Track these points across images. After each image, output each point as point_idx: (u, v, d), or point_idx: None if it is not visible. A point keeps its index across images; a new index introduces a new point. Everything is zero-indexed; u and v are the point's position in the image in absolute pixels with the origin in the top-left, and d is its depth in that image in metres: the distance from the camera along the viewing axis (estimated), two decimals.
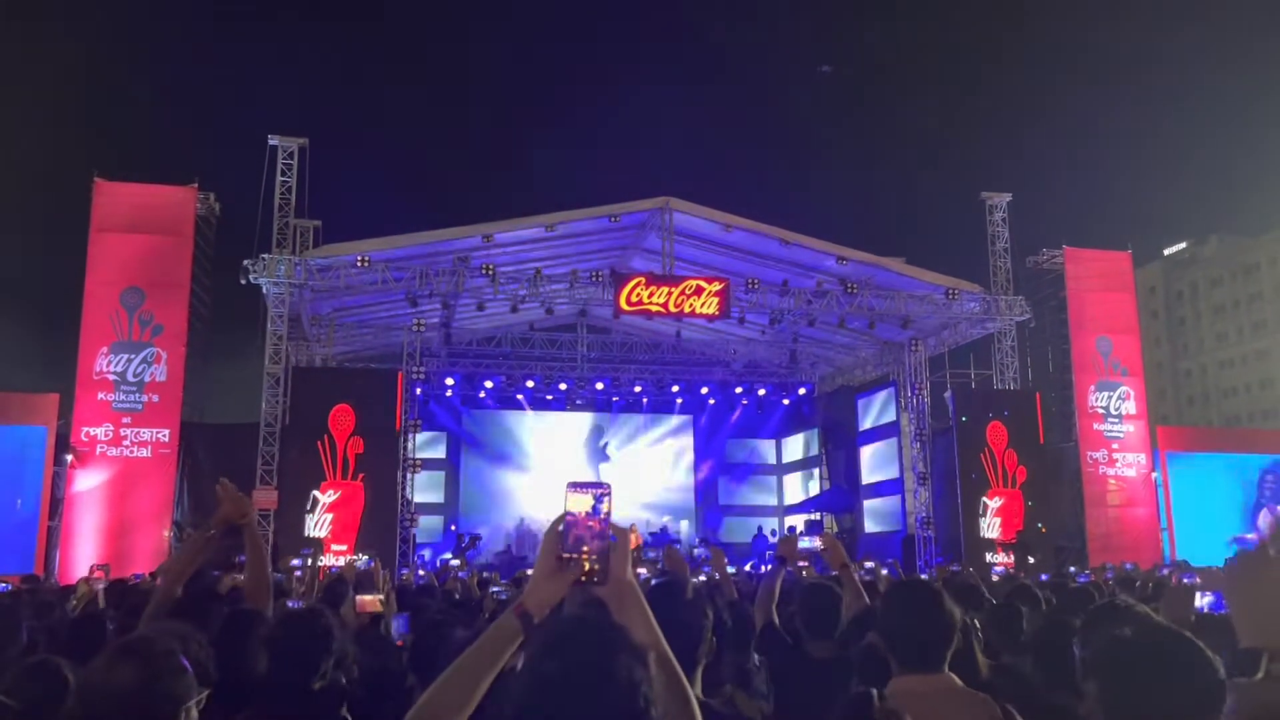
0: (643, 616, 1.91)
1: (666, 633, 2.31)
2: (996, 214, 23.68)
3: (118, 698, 2.08)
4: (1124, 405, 23.84)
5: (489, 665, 1.80)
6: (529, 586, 1.94)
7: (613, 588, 1.89)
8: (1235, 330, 72.41)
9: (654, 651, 1.86)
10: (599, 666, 1.56)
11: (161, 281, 19.47)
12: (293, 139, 20.89)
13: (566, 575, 1.88)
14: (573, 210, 21.70)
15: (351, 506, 19.26)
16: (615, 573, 1.88)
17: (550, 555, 1.88)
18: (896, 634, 2.80)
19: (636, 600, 1.92)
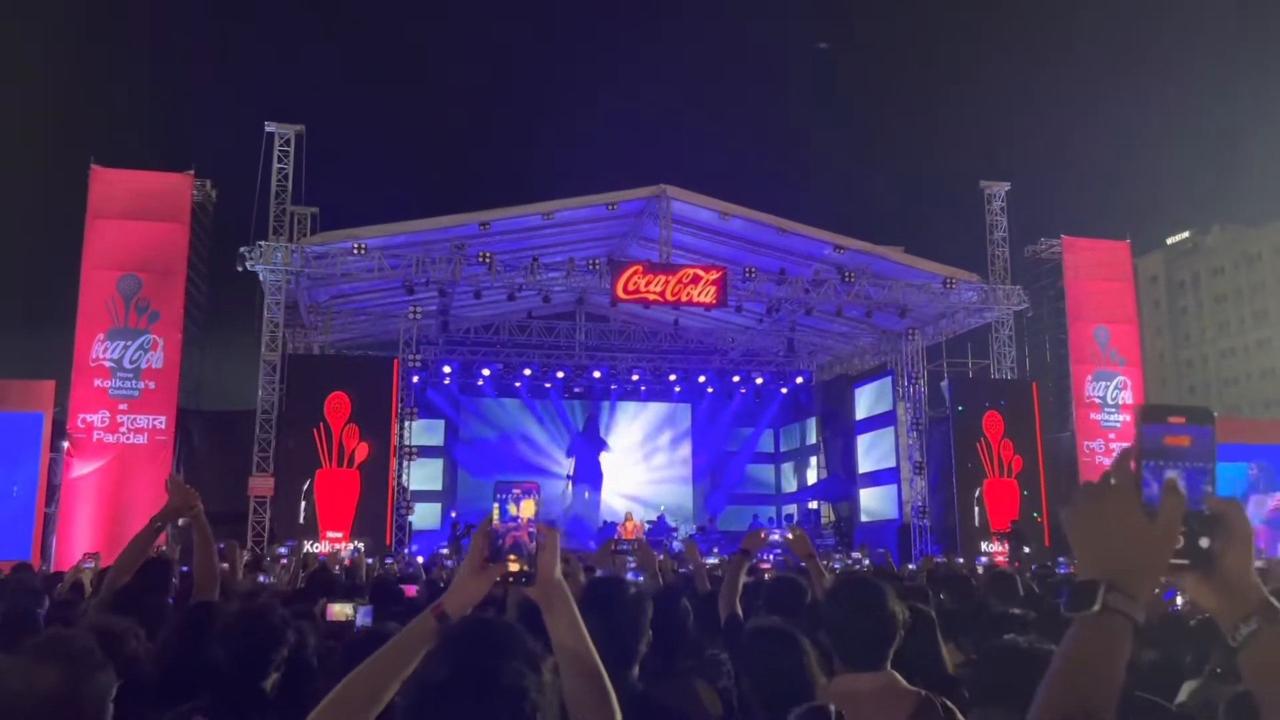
0: (569, 616, 1.92)
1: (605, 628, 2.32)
2: (995, 203, 23.63)
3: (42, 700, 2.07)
4: (1121, 395, 23.81)
5: (400, 666, 1.79)
6: (451, 586, 1.95)
7: (541, 588, 1.90)
8: (1237, 320, 72.28)
9: (569, 653, 1.88)
10: (485, 672, 1.56)
11: (158, 268, 19.48)
12: (289, 126, 20.87)
13: (489, 575, 1.89)
14: (570, 198, 21.67)
15: (347, 494, 19.30)
16: (543, 573, 1.89)
17: (476, 555, 1.89)
18: (838, 631, 2.80)
19: (564, 600, 1.92)
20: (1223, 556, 1.21)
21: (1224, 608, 1.22)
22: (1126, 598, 1.17)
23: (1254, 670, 1.19)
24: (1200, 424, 1.24)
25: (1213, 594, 1.22)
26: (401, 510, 20.80)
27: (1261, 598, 1.20)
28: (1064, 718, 1.14)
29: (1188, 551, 1.20)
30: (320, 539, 18.11)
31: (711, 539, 22.89)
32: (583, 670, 1.88)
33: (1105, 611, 1.17)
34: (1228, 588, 1.21)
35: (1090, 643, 1.18)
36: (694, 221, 22.37)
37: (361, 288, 22.38)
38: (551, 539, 1.90)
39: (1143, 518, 1.19)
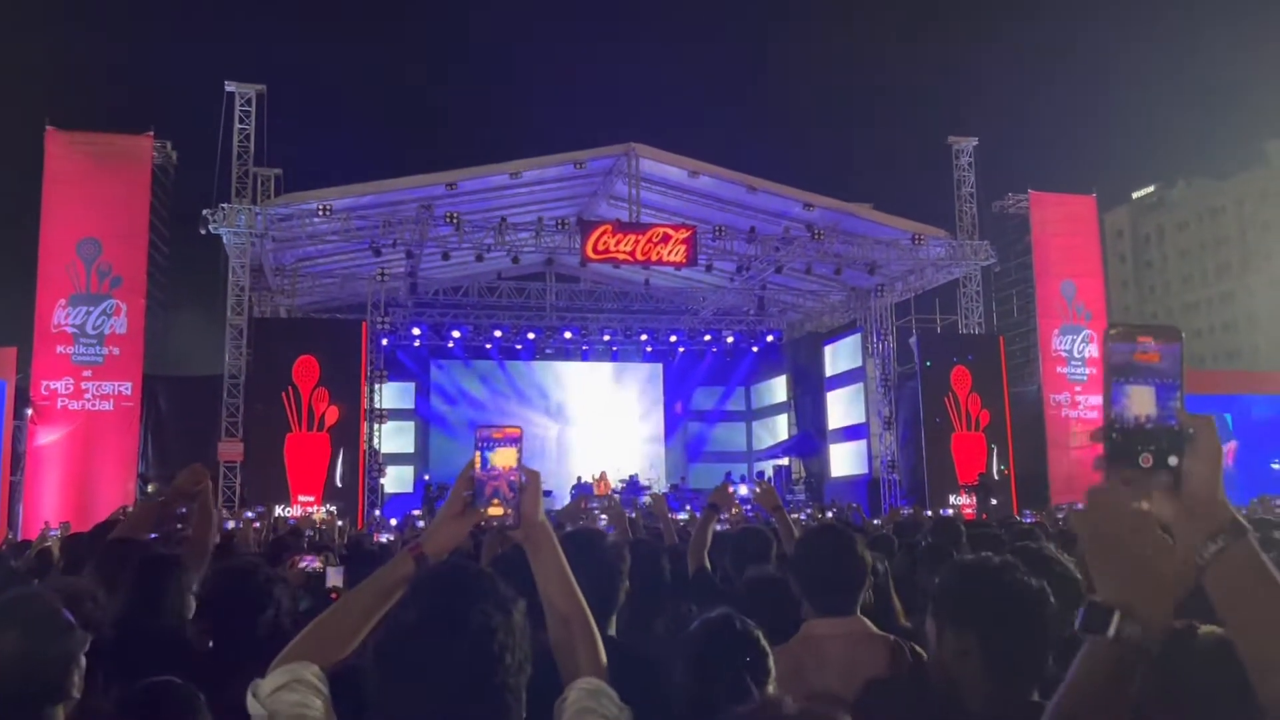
0: (554, 558, 1.93)
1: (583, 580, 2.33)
2: (963, 159, 23.66)
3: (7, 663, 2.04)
4: (1087, 349, 24.06)
5: (375, 604, 1.80)
6: (430, 528, 1.95)
7: (526, 530, 1.90)
8: (1200, 273, 73.09)
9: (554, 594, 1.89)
10: (453, 614, 1.57)
11: (119, 232, 19.14)
12: (250, 85, 20.47)
13: (469, 519, 1.89)
14: (537, 157, 21.45)
15: (318, 458, 19.22)
16: (527, 515, 1.89)
17: (456, 499, 1.89)
18: (809, 578, 2.83)
19: (549, 542, 1.93)
20: (1191, 474, 1.20)
21: (1191, 526, 1.21)
22: (1140, 628, 1.17)
23: (1220, 588, 1.19)
24: (1168, 341, 1.23)
25: (1180, 512, 1.21)
26: (373, 473, 20.75)
27: (1229, 515, 1.19)
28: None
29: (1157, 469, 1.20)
30: (292, 503, 18.05)
31: (684, 497, 23.04)
32: (568, 612, 1.90)
33: (1119, 640, 1.18)
34: (1196, 505, 1.20)
35: (1101, 667, 1.19)
36: (663, 180, 22.26)
37: (327, 250, 22.13)
38: (534, 481, 1.90)
39: (1164, 541, 1.19)
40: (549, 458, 26.92)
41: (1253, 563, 1.18)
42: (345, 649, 1.79)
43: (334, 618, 1.83)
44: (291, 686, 1.68)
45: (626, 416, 29.31)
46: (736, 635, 2.21)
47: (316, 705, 1.68)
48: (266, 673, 1.72)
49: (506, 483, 1.86)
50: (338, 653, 1.78)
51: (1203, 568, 1.20)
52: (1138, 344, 1.22)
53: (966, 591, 2.11)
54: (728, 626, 2.24)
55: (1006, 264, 24.94)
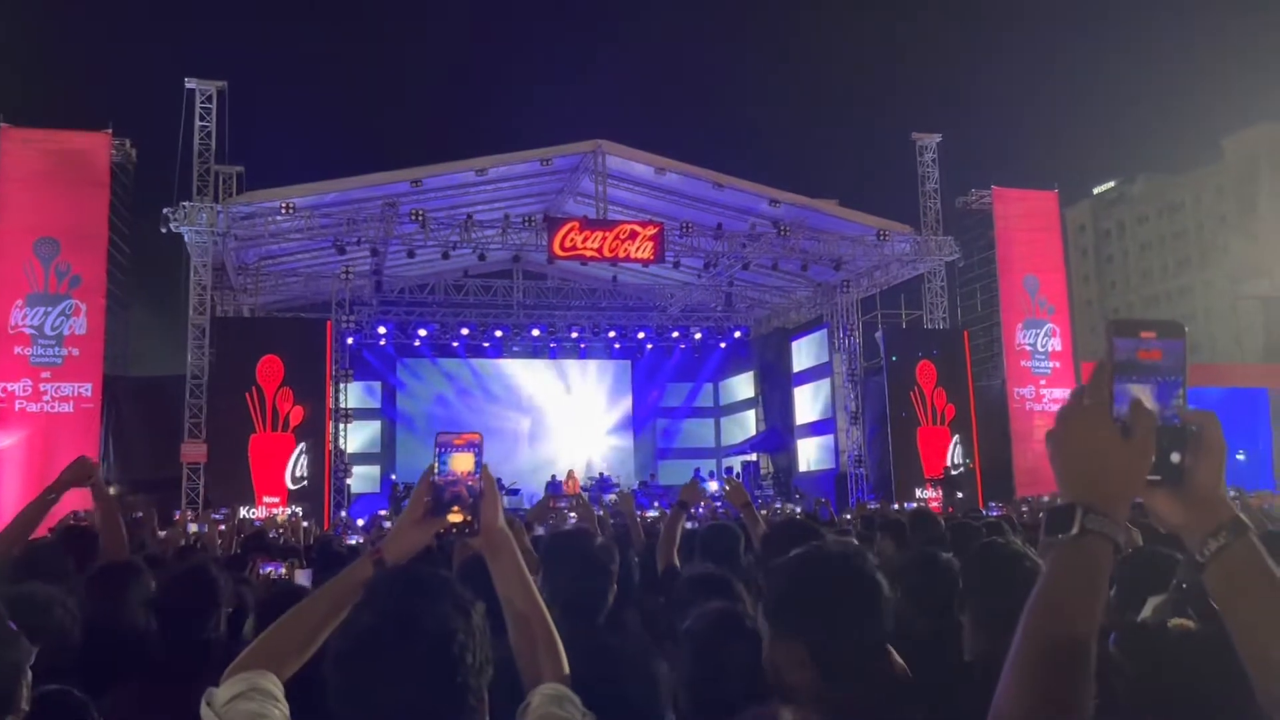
0: (514, 564, 1.92)
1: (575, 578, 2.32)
2: (926, 155, 23.83)
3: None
4: (1050, 342, 24.34)
5: (333, 609, 1.78)
6: (391, 533, 1.94)
7: (485, 537, 1.89)
8: (1160, 267, 74.23)
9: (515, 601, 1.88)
10: (411, 616, 1.56)
11: (77, 231, 18.83)
12: (211, 82, 20.20)
13: (430, 525, 1.88)
14: (503, 154, 21.36)
15: (282, 458, 19.04)
16: (487, 522, 1.88)
17: (418, 505, 1.88)
18: None
19: (509, 549, 1.92)
20: (1193, 471, 1.20)
21: (1193, 522, 1.21)
22: (1104, 519, 1.15)
23: (1221, 585, 1.19)
24: (1172, 337, 1.22)
25: (1182, 509, 1.21)
26: (339, 473, 20.59)
27: (1231, 513, 1.20)
28: (1048, 645, 1.12)
29: (1159, 467, 1.19)
30: (256, 504, 17.87)
31: (653, 493, 23.08)
32: (529, 618, 1.88)
33: (1083, 534, 1.15)
34: (1198, 502, 1.20)
35: (1070, 567, 1.16)
36: (630, 177, 22.25)
37: (291, 248, 21.92)
38: (490, 487, 1.89)
39: (1116, 437, 1.17)
40: (517, 456, 26.85)
41: (1254, 560, 1.18)
42: (303, 655, 1.77)
43: (291, 623, 1.80)
44: (248, 695, 1.65)
45: (595, 414, 29.29)
46: (741, 628, 2.19)
47: (274, 715, 1.65)
48: (221, 681, 1.69)
49: (465, 488, 1.86)
50: (295, 659, 1.76)
51: (1204, 565, 1.20)
52: (1140, 339, 1.21)
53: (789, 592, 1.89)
54: (732, 619, 2.22)
55: (970, 259, 25.16)
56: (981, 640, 2.06)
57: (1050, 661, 1.11)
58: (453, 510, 1.86)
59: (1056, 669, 1.11)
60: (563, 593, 2.71)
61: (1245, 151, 65.81)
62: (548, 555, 2.96)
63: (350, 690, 1.53)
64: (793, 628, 1.83)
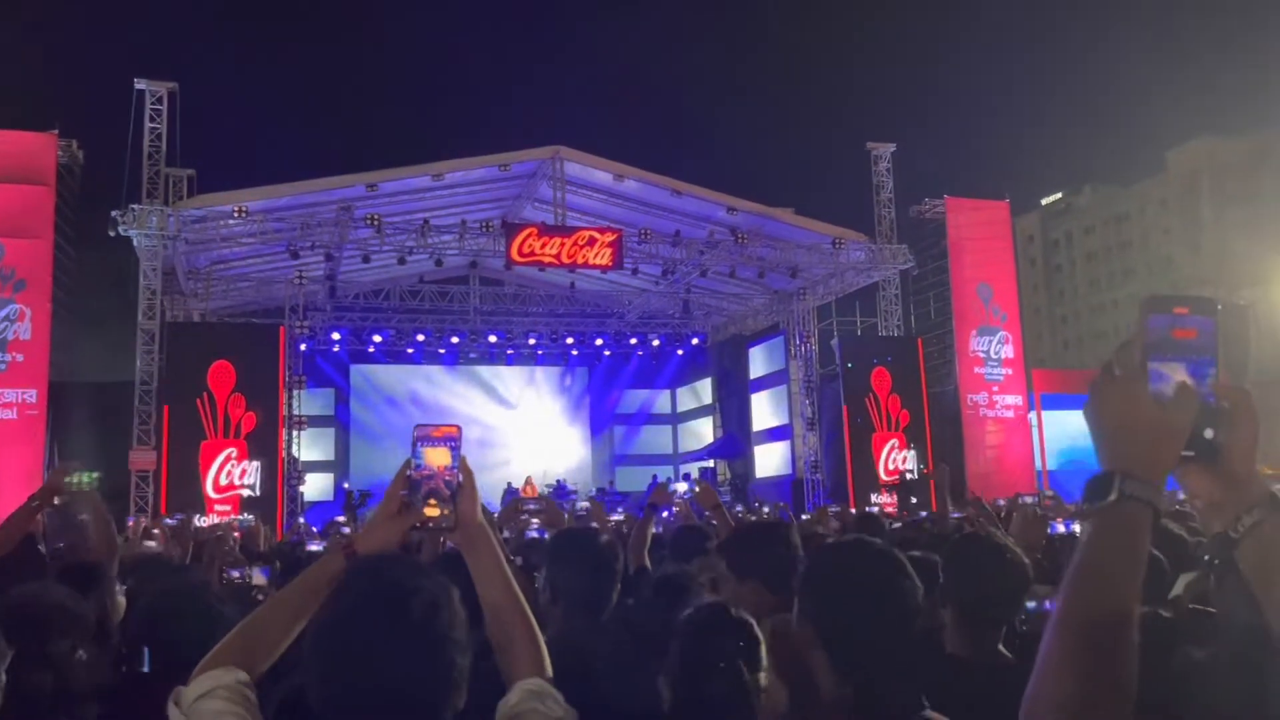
0: (493, 558, 1.90)
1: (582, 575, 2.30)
2: (881, 164, 24.09)
3: None
4: (1003, 349, 24.71)
5: (305, 604, 1.75)
6: (365, 528, 1.91)
7: (463, 532, 1.87)
8: (1107, 277, 75.72)
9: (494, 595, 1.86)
10: (395, 594, 1.54)
11: (22, 234, 18.39)
12: (161, 83, 19.89)
13: (405, 520, 1.85)
14: (461, 159, 21.25)
15: (234, 466, 18.72)
16: (464, 516, 1.86)
17: (393, 499, 1.85)
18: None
19: (488, 542, 1.90)
20: (1227, 447, 1.20)
21: (1226, 499, 1.21)
22: (1143, 484, 1.14)
23: (1254, 561, 1.18)
24: (1205, 315, 1.21)
25: (1216, 485, 1.21)
26: (292, 481, 20.29)
27: (1265, 488, 1.19)
28: (1092, 616, 1.10)
29: (1193, 443, 1.19)
30: (208, 512, 17.55)
31: (612, 500, 23.03)
32: (508, 612, 1.85)
33: (1122, 500, 1.14)
34: (1232, 478, 1.20)
35: (1110, 534, 1.15)
36: (589, 184, 22.23)
37: (243, 253, 21.59)
38: (469, 481, 1.86)
39: (1153, 405, 1.17)
40: (474, 463, 26.38)
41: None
42: (274, 652, 1.73)
43: (261, 620, 1.76)
44: (215, 694, 1.61)
45: (552, 420, 29.20)
46: (729, 623, 2.19)
47: (241, 715, 1.61)
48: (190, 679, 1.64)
49: (442, 481, 1.84)
50: (266, 656, 1.72)
51: (1236, 541, 1.19)
52: (1175, 316, 1.20)
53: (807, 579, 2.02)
54: (721, 614, 2.22)
55: (924, 267, 25.47)
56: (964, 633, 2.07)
57: (1094, 633, 1.09)
58: (429, 504, 1.84)
59: (1100, 641, 1.09)
60: (567, 589, 2.69)
61: (1188, 165, 67.41)
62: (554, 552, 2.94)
63: (336, 667, 1.50)
64: (807, 609, 1.94)
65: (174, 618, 2.67)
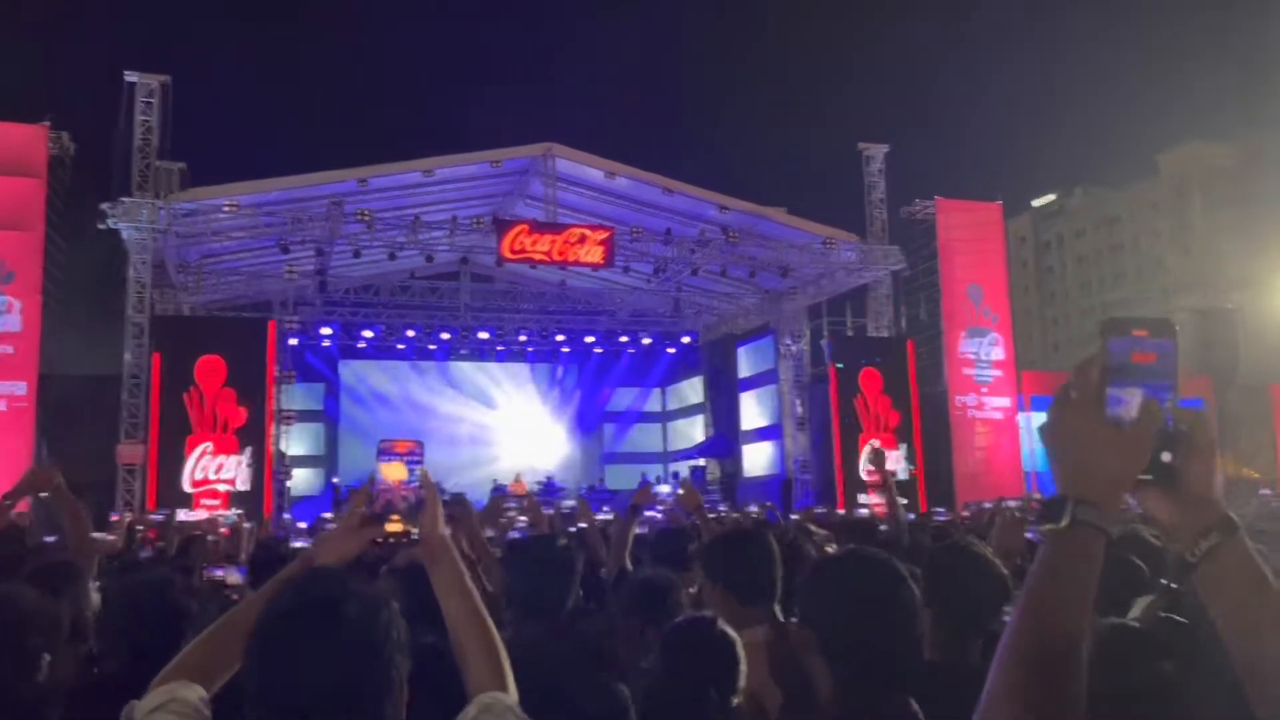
0: (454, 571, 1.91)
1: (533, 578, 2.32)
2: (873, 165, 24.11)
3: None
4: (993, 351, 24.77)
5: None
6: (324, 539, 1.92)
7: (425, 546, 1.89)
8: (1098, 279, 75.93)
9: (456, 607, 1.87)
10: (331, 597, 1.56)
11: (12, 226, 18.32)
12: (152, 76, 19.79)
13: (365, 533, 1.87)
14: (452, 155, 21.23)
15: (230, 460, 18.67)
16: (426, 530, 1.88)
17: (354, 513, 1.87)
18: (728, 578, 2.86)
19: (449, 556, 1.91)
20: (1185, 471, 1.20)
21: (1183, 522, 1.21)
22: (1095, 510, 1.14)
23: (1211, 584, 1.19)
24: (1164, 337, 1.21)
25: (1173, 508, 1.21)
26: (280, 476, 20.25)
27: (1222, 512, 1.20)
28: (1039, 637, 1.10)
29: (1151, 467, 1.19)
30: (194, 506, 17.51)
31: (601, 498, 23.04)
32: (468, 625, 1.86)
33: (1074, 525, 1.14)
34: (1189, 502, 1.20)
35: (1061, 558, 1.15)
36: (580, 181, 22.22)
37: (234, 247, 21.53)
38: (431, 495, 1.88)
39: (1108, 430, 1.16)
40: (463, 461, 26.64)
41: (1244, 560, 1.18)
42: (233, 666, 1.72)
43: (221, 632, 1.77)
44: (168, 707, 1.61)
45: (542, 418, 29.19)
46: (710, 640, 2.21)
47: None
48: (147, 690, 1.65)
49: (399, 496, 1.86)
50: (224, 669, 1.72)
51: (1194, 565, 1.20)
52: (1133, 339, 1.19)
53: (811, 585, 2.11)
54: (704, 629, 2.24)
55: (915, 268, 25.49)
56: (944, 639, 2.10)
57: (1039, 648, 1.10)
58: (391, 519, 1.86)
59: (1049, 665, 1.10)
60: (520, 594, 2.70)
61: (1178, 167, 67.60)
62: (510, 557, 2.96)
63: (270, 672, 1.51)
64: (807, 614, 2.04)
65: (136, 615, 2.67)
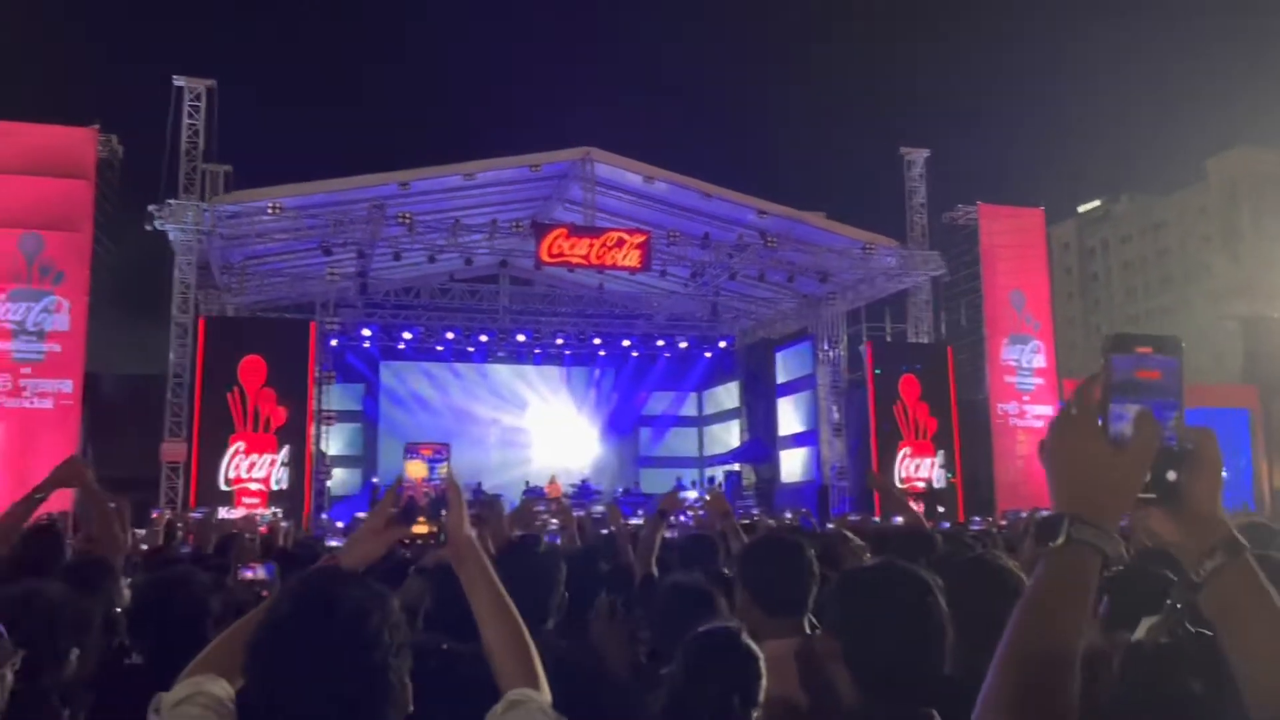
0: (482, 571, 1.93)
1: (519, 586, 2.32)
2: (914, 169, 23.93)
3: None
4: (1035, 359, 24.46)
5: None
6: (349, 541, 1.95)
7: (452, 547, 1.91)
8: (1143, 286, 74.75)
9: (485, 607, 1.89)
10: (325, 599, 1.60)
11: (62, 227, 18.70)
12: (199, 80, 20.13)
13: (389, 534, 1.89)
14: (492, 158, 21.37)
15: (263, 459, 18.92)
16: (452, 532, 1.90)
17: (380, 515, 1.89)
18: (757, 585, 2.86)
19: (476, 556, 1.93)
20: (1189, 490, 1.19)
21: (1189, 542, 1.19)
22: (1092, 529, 1.13)
23: (1216, 606, 1.17)
24: (1169, 354, 1.20)
25: (1178, 528, 1.20)
26: (320, 475, 20.48)
27: (1227, 532, 1.18)
28: (1030, 653, 1.10)
29: (1155, 485, 1.17)
30: (236, 505, 17.75)
31: (635, 502, 23.04)
32: (501, 624, 1.89)
33: (1069, 544, 1.13)
34: (1194, 521, 1.19)
35: (1056, 576, 1.14)
36: (618, 185, 22.25)
37: (277, 249, 21.81)
38: (456, 497, 1.90)
39: (1107, 449, 1.15)
40: (499, 462, 26.78)
41: (1249, 580, 1.17)
42: None
43: (244, 629, 1.80)
44: (193, 700, 1.65)
45: (578, 421, 29.25)
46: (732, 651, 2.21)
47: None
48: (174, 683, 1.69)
49: (420, 493, 1.89)
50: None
51: (1199, 585, 1.18)
52: (1138, 356, 1.18)
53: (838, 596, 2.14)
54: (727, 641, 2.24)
55: (956, 274, 25.25)
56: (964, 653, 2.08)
57: (1030, 665, 1.10)
58: (419, 521, 1.88)
59: (1036, 674, 1.09)
60: None
61: (1227, 173, 66.43)
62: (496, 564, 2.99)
63: (268, 673, 1.56)
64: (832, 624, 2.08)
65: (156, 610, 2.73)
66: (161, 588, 2.85)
